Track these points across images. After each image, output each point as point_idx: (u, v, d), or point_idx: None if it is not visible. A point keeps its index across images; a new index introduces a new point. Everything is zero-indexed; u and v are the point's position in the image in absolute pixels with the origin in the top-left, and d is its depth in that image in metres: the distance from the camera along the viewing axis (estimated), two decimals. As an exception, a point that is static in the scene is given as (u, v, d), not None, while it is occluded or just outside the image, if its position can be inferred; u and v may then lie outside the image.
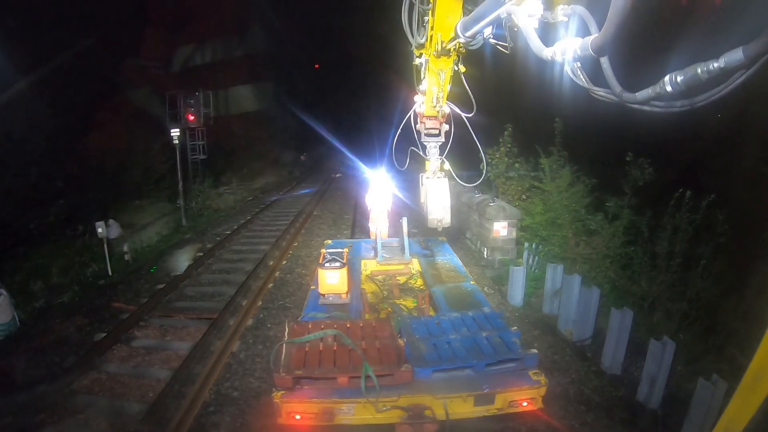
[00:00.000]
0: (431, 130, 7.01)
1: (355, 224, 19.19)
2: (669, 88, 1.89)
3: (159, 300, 11.60)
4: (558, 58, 2.53)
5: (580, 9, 2.54)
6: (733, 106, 10.36)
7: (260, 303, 11.46)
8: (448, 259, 9.17)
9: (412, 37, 6.10)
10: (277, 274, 13.59)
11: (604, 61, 2.27)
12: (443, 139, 7.05)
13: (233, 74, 30.08)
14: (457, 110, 6.48)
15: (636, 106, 2.15)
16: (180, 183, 20.53)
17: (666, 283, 9.46)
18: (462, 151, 7.25)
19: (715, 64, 1.69)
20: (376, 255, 9.17)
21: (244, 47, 31.89)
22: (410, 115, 7.24)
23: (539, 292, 11.22)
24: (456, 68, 5.95)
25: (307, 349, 5.59)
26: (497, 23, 3.59)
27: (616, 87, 2.24)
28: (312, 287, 7.92)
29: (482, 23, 3.66)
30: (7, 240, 13.82)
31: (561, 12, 2.67)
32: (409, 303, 8.01)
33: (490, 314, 6.42)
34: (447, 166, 7.20)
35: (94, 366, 8.79)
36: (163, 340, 9.81)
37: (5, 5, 14.89)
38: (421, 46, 6.02)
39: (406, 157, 7.71)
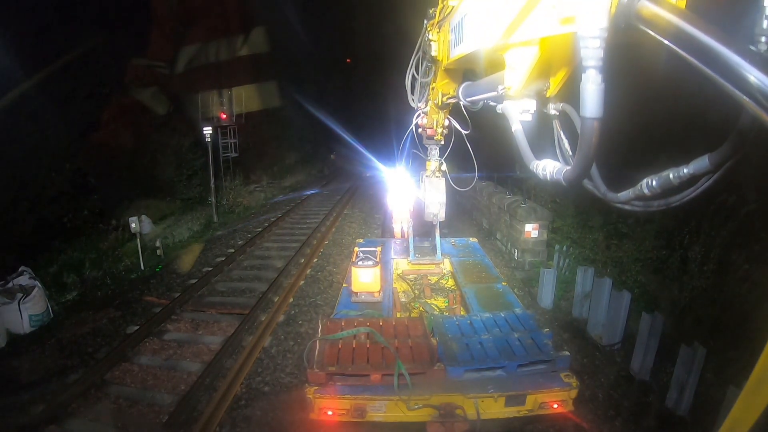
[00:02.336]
0: (431, 136, 7.59)
1: (386, 224, 19.19)
2: (646, 191, 2.06)
3: (191, 294, 11.75)
4: (540, 174, 2.72)
5: (568, 108, 2.82)
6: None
7: (291, 300, 11.55)
8: (479, 259, 9.16)
9: (413, 101, 6.61)
10: (308, 271, 13.67)
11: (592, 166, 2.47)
12: (442, 142, 7.64)
13: (261, 72, 30.01)
14: (456, 125, 6.58)
15: (618, 205, 2.39)
16: (212, 180, 20.70)
17: (698, 288, 9.34)
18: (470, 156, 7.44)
19: (685, 170, 1.85)
20: (407, 254, 9.21)
21: (272, 45, 31.84)
22: (412, 128, 7.71)
23: (569, 295, 11.15)
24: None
25: (340, 346, 5.64)
26: None
27: (601, 187, 2.52)
28: (344, 285, 7.97)
29: (482, 96, 3.83)
30: (42, 233, 14.08)
31: (552, 107, 2.94)
32: (440, 303, 8.04)
33: (522, 315, 6.42)
34: (444, 167, 7.93)
35: (126, 357, 8.95)
36: (194, 334, 9.94)
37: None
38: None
39: (410, 158, 8.76)
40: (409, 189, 8.95)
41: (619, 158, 9.23)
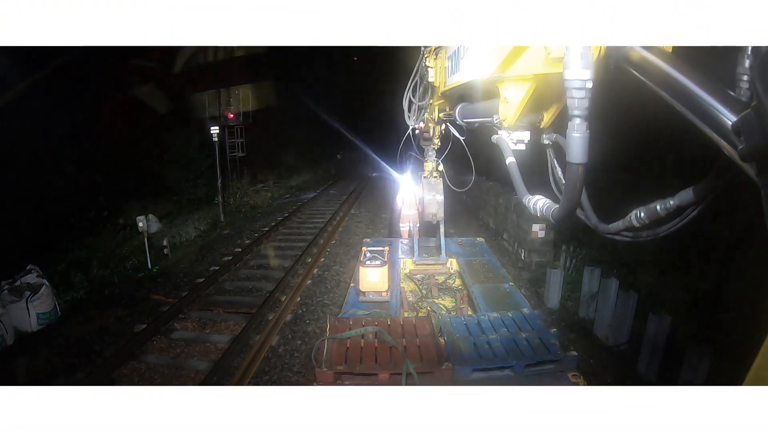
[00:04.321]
0: (427, 136, 7.76)
1: (393, 223, 19.13)
2: (635, 222, 2.18)
3: (198, 293, 11.77)
4: (530, 209, 2.94)
5: (561, 139, 2.95)
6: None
7: (298, 299, 11.57)
8: (486, 259, 9.14)
9: (409, 119, 7.00)
10: (315, 271, 13.68)
11: (583, 197, 2.59)
12: (439, 143, 7.77)
13: (269, 71, 29.84)
14: (454, 132, 6.64)
15: (609, 236, 2.48)
16: (219, 180, 20.65)
17: (703, 288, 9.31)
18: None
19: (671, 202, 1.97)
20: (413, 254, 9.21)
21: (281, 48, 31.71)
22: (408, 133, 7.96)
23: (575, 296, 11.11)
24: None
25: (348, 345, 5.64)
26: None
27: (593, 219, 2.62)
28: (351, 285, 7.97)
29: (477, 120, 4.01)
30: (49, 233, 14.12)
31: (546, 137, 3.11)
32: (447, 302, 8.01)
33: (529, 315, 6.39)
34: (441, 167, 8.06)
35: (133, 356, 8.97)
36: (202, 333, 9.95)
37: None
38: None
39: (408, 163, 9.04)
40: (415, 189, 8.99)
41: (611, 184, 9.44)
